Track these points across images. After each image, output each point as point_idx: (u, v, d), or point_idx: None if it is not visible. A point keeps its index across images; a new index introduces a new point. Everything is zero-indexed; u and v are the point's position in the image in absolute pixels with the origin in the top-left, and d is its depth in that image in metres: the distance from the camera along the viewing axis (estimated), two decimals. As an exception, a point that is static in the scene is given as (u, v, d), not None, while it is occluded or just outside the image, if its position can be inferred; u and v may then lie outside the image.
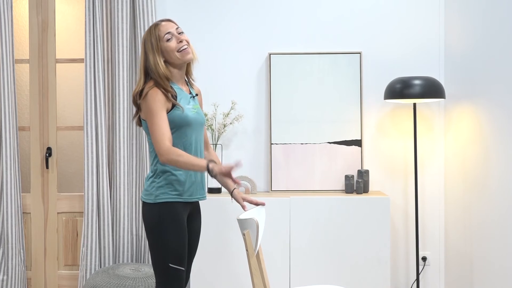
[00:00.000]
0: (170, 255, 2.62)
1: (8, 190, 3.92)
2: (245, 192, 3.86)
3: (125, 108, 3.88)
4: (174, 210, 2.65)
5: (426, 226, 3.95)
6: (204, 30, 4.00)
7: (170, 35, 2.70)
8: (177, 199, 2.66)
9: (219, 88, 3.99)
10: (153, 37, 2.69)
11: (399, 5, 3.96)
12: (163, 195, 2.64)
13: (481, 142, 3.40)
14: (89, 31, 3.89)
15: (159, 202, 2.64)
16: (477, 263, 3.43)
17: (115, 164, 3.90)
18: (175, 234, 2.63)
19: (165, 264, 2.63)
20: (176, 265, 2.64)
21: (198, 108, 2.78)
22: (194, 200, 2.74)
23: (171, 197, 2.65)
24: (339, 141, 3.92)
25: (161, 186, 2.65)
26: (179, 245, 2.64)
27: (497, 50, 3.19)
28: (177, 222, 2.65)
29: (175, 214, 2.65)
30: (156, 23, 2.74)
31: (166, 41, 2.68)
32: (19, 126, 4.07)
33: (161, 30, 2.69)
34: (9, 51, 3.93)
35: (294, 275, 3.68)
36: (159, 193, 2.65)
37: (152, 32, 2.70)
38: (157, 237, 2.64)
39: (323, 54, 3.93)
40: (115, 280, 3.46)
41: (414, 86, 3.57)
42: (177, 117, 2.64)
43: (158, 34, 2.69)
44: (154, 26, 2.72)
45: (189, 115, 2.68)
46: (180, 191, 2.66)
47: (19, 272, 3.96)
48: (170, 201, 2.65)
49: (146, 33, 2.73)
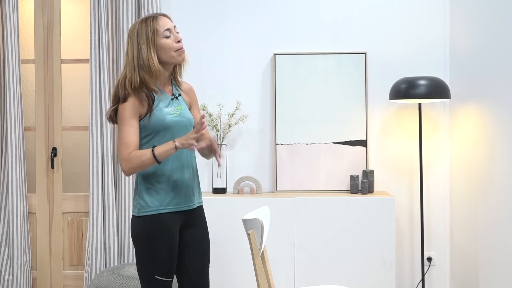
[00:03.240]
0: (157, 266, 2.54)
1: (13, 190, 3.93)
2: (250, 192, 3.86)
3: (130, 108, 3.88)
4: (158, 222, 2.54)
5: (431, 226, 3.95)
6: (209, 30, 4.01)
7: (169, 32, 2.56)
8: (161, 211, 2.54)
9: (224, 88, 3.99)
10: (150, 29, 2.53)
11: (404, 5, 3.95)
12: (145, 208, 2.54)
13: (486, 142, 3.39)
14: (94, 31, 3.89)
15: (142, 216, 2.55)
16: (483, 264, 3.42)
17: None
18: (161, 248, 2.53)
19: (151, 275, 2.55)
20: (162, 277, 2.55)
21: (182, 109, 2.63)
22: (184, 209, 2.61)
23: (153, 209, 2.54)
24: (344, 141, 3.92)
25: (143, 199, 2.56)
26: (165, 258, 2.54)
27: (502, 50, 3.18)
28: (163, 235, 2.54)
29: (159, 227, 2.53)
30: (153, 15, 2.58)
31: (164, 37, 2.55)
32: (24, 126, 4.08)
33: (160, 24, 2.55)
34: (14, 51, 3.94)
35: (299, 275, 3.68)
36: (141, 206, 2.56)
37: (148, 24, 2.54)
38: (144, 249, 2.54)
39: (328, 54, 3.92)
40: (120, 280, 3.46)
41: (419, 86, 3.56)
42: (152, 122, 2.53)
43: (156, 28, 2.54)
44: (152, 18, 2.56)
45: (167, 119, 2.56)
46: (165, 201, 2.55)
47: (24, 272, 3.97)
48: (153, 213, 2.54)
49: (139, 24, 2.56)
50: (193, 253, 2.66)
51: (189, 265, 2.66)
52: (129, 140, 2.51)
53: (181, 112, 2.62)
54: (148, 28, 2.54)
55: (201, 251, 2.69)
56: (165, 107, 2.58)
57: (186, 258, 2.65)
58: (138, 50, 2.54)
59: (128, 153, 2.50)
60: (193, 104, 2.77)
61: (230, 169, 3.97)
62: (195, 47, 3.98)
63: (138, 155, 2.49)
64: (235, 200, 3.73)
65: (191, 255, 2.66)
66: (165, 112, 2.57)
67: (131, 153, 2.50)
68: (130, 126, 2.51)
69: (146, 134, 2.56)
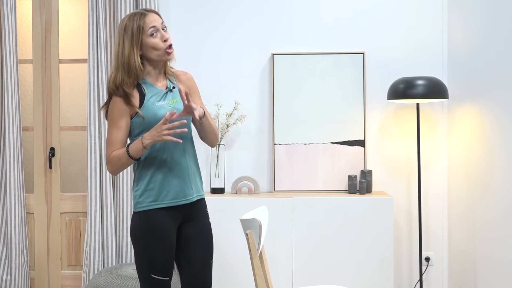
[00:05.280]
0: (153, 265, 2.51)
1: (11, 190, 3.92)
2: (248, 192, 3.86)
3: (128, 108, 3.88)
4: (154, 218, 2.51)
5: (429, 226, 3.95)
6: (207, 30, 4.01)
7: (155, 29, 2.50)
8: (157, 206, 2.52)
9: (222, 88, 3.99)
10: (135, 26, 2.47)
11: (402, 5, 3.95)
12: (142, 204, 2.53)
13: (484, 142, 3.39)
14: (92, 31, 3.89)
15: (139, 211, 2.54)
16: (481, 263, 3.43)
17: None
18: (157, 244, 2.51)
19: (148, 274, 2.52)
20: (159, 276, 2.52)
21: (177, 102, 2.58)
22: (183, 202, 2.56)
23: (149, 204, 2.52)
24: (342, 141, 3.92)
25: (140, 194, 2.54)
26: (160, 257, 2.51)
27: (500, 50, 3.18)
28: (159, 231, 2.51)
29: (155, 222, 2.51)
30: (141, 12, 2.52)
31: (150, 35, 2.49)
32: (22, 126, 4.08)
33: (146, 22, 2.48)
34: (12, 51, 3.94)
35: (297, 275, 3.68)
36: (138, 201, 2.54)
37: (135, 21, 2.48)
38: (139, 248, 2.53)
39: (326, 54, 3.93)
40: (118, 280, 3.46)
41: (417, 86, 3.56)
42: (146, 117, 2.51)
43: (142, 26, 2.48)
44: (139, 14, 2.50)
45: (159, 113, 2.52)
46: (159, 197, 2.52)
47: (22, 272, 3.97)
48: (149, 209, 2.52)
49: (127, 19, 2.51)
50: (194, 250, 2.61)
51: (190, 262, 2.61)
52: (112, 139, 2.53)
53: (175, 104, 2.58)
54: (134, 24, 2.49)
55: (202, 248, 2.64)
56: (157, 101, 2.55)
57: (187, 255, 2.61)
58: (122, 47, 2.50)
59: (111, 152, 2.52)
60: (192, 92, 2.69)
61: (228, 169, 3.97)
62: (193, 47, 3.98)
63: (117, 155, 2.51)
64: (233, 200, 3.73)
65: (191, 251, 2.61)
66: (158, 106, 2.54)
67: (112, 153, 2.52)
68: (114, 126, 2.53)
69: (141, 129, 2.54)
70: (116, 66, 2.54)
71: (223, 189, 3.87)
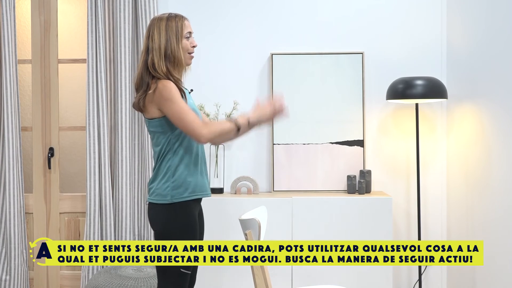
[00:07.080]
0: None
1: (10, 190, 3.92)
2: (247, 192, 3.86)
3: (127, 108, 3.88)
4: (191, 209, 2.61)
5: (428, 226, 3.95)
6: (206, 30, 4.01)
7: (190, 35, 2.70)
8: (193, 197, 2.61)
9: (221, 88, 3.99)
10: (178, 26, 2.65)
11: (401, 5, 3.96)
12: (180, 195, 2.58)
13: (483, 143, 3.39)
14: (91, 31, 3.89)
15: (175, 202, 2.57)
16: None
17: (117, 164, 3.91)
18: (189, 236, 2.57)
19: (176, 268, 2.54)
20: (186, 270, 2.57)
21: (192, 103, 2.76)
22: (205, 195, 2.69)
23: (188, 195, 2.60)
24: (341, 141, 3.92)
25: (178, 186, 2.58)
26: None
27: (499, 50, 3.18)
28: (193, 223, 2.60)
29: (189, 214, 2.60)
30: (180, 16, 2.69)
31: (185, 38, 2.67)
32: (21, 126, 4.08)
33: (185, 25, 2.67)
34: (11, 51, 3.94)
35: (296, 275, 3.68)
36: (175, 192, 2.58)
37: (177, 21, 2.65)
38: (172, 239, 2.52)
39: (325, 55, 3.93)
40: (117, 281, 3.46)
41: (416, 86, 3.57)
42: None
43: (182, 28, 2.65)
44: (180, 17, 2.68)
45: (196, 111, 2.68)
46: (195, 188, 2.62)
47: (21, 272, 3.97)
48: (186, 200, 2.59)
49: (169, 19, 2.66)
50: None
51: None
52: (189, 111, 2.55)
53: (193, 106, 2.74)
54: (178, 24, 2.65)
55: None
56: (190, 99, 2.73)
57: None
58: (167, 40, 2.62)
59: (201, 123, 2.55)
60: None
61: (227, 169, 3.97)
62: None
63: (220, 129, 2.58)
64: (232, 200, 3.73)
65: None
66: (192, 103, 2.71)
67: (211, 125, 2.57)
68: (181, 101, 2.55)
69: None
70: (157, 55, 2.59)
71: (222, 189, 3.87)
